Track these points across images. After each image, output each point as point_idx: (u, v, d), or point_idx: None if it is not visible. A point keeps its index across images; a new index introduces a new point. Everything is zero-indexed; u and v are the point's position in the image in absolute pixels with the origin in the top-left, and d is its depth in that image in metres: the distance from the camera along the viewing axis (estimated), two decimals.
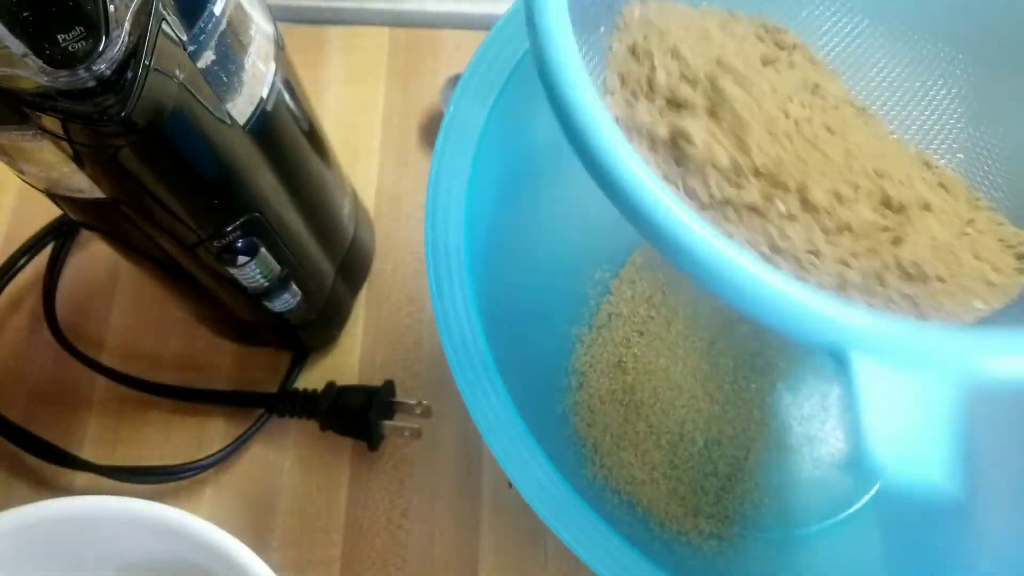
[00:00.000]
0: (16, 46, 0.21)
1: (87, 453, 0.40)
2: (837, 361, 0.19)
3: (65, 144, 0.24)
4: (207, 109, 0.26)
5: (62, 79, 0.21)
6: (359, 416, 0.38)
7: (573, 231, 0.39)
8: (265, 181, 0.31)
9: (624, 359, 0.38)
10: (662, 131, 0.24)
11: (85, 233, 0.44)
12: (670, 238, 0.19)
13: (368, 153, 0.46)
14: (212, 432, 0.40)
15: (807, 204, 0.24)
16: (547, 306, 0.38)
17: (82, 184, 0.27)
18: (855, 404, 0.19)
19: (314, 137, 0.34)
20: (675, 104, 0.25)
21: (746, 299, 0.19)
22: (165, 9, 0.23)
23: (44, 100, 0.22)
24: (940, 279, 0.24)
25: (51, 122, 0.23)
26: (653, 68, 0.25)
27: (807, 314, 0.19)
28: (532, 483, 0.28)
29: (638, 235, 0.20)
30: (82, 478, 0.39)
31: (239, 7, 0.27)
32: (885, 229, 0.24)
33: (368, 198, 0.45)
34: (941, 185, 0.28)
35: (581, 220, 0.39)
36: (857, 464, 0.19)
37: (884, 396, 0.19)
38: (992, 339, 0.19)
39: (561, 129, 0.21)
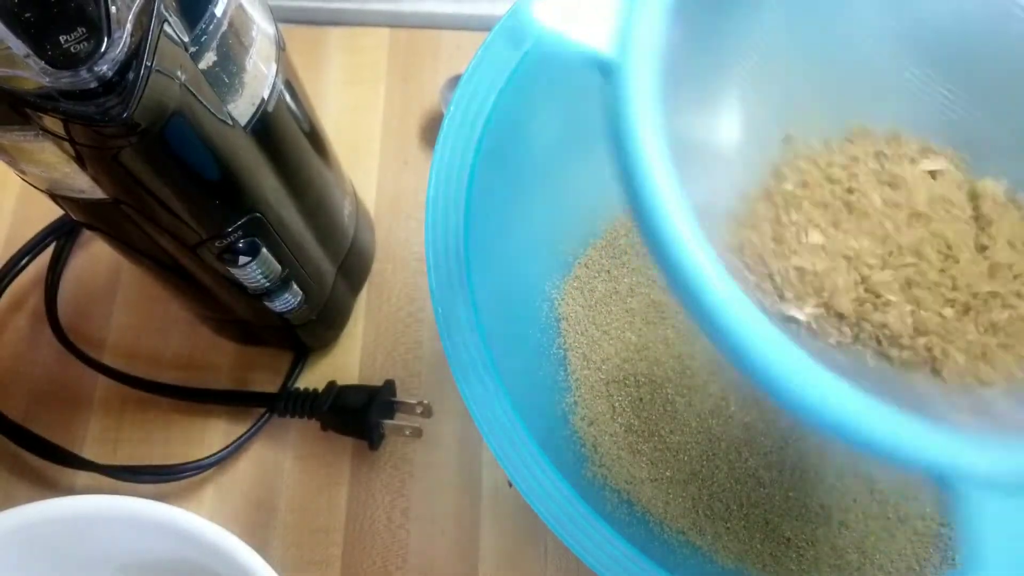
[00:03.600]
0: (18, 47, 0.21)
1: (88, 452, 0.40)
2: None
3: (67, 145, 0.24)
4: (208, 110, 0.26)
5: (64, 80, 0.21)
6: (360, 416, 0.38)
7: (573, 231, 0.39)
8: (266, 181, 0.31)
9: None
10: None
11: (86, 233, 0.44)
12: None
13: (368, 153, 0.46)
14: (213, 431, 0.41)
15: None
16: None
17: (83, 185, 0.27)
18: (960, 528, 0.18)
19: (315, 137, 0.34)
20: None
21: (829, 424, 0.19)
22: (167, 10, 0.23)
23: (46, 101, 0.22)
24: None
25: (53, 123, 0.23)
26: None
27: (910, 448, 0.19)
28: (532, 483, 0.28)
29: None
30: (83, 477, 0.39)
31: (240, 8, 0.27)
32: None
33: (368, 198, 0.45)
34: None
35: (581, 220, 0.39)
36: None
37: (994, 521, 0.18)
38: None
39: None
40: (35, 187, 0.28)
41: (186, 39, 0.24)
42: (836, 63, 0.28)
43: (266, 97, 0.29)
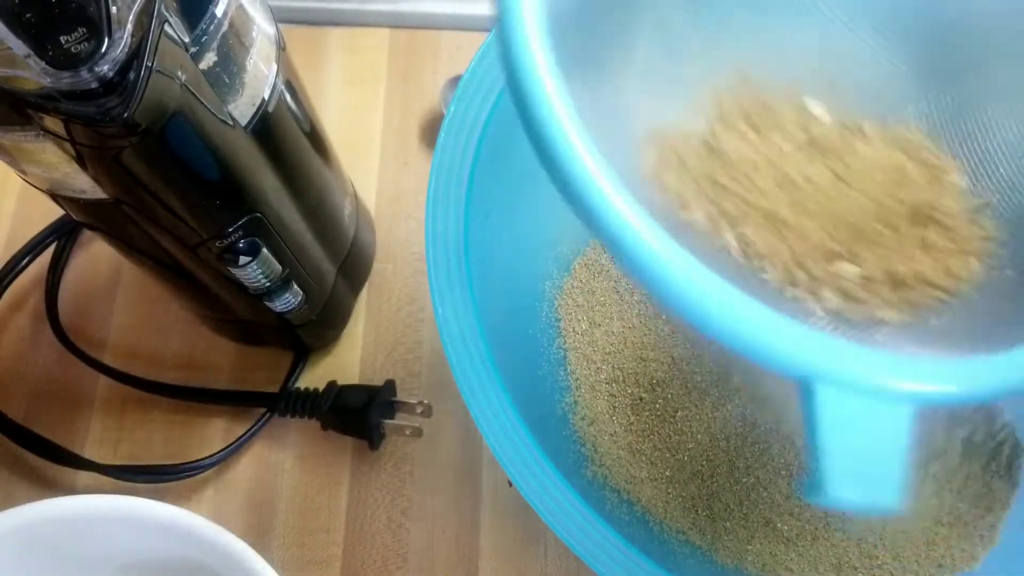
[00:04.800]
0: (19, 47, 0.21)
1: (89, 452, 0.40)
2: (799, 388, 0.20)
3: (67, 145, 0.24)
4: (209, 110, 0.26)
5: (65, 80, 0.21)
6: (360, 415, 0.38)
7: (573, 230, 0.39)
8: (267, 182, 0.31)
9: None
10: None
11: (87, 233, 0.44)
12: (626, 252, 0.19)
13: (368, 154, 0.46)
14: (213, 431, 0.41)
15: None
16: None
17: (84, 185, 0.27)
18: (813, 430, 0.19)
19: (315, 138, 0.34)
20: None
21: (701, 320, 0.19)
22: (167, 11, 0.23)
23: (47, 101, 0.22)
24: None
25: (53, 123, 0.23)
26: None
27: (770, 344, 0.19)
28: (532, 482, 0.28)
29: None
30: (84, 477, 0.39)
31: (241, 9, 0.27)
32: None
33: (369, 198, 0.45)
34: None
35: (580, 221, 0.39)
36: (816, 489, 0.19)
37: (842, 423, 0.19)
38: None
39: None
40: (36, 187, 0.28)
41: (186, 39, 0.24)
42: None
43: (266, 97, 0.29)
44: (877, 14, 0.28)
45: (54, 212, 0.39)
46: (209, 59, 0.26)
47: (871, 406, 0.19)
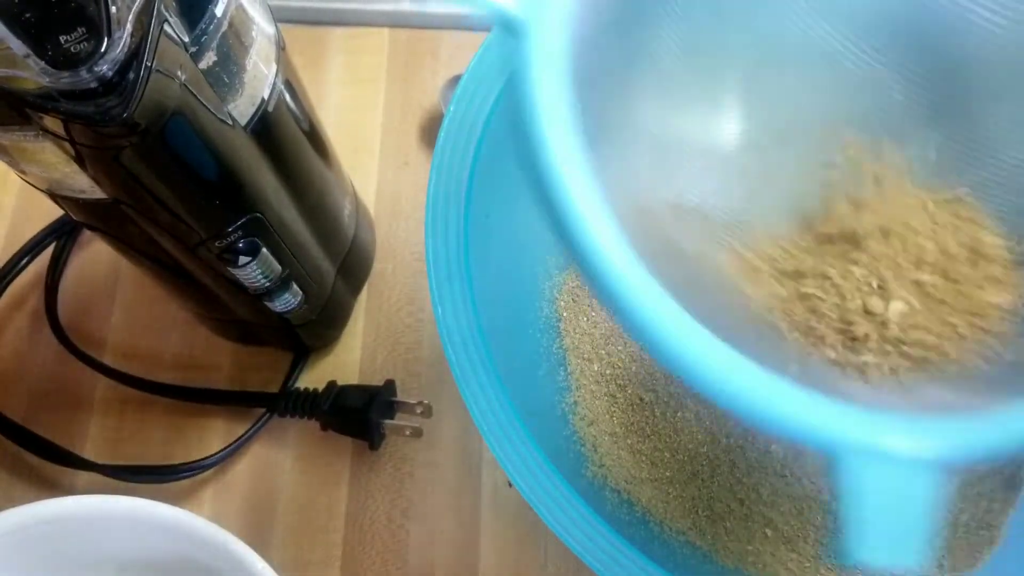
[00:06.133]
0: (18, 47, 0.21)
1: (88, 452, 0.40)
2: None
3: (67, 145, 0.24)
4: (209, 110, 0.26)
5: (64, 80, 0.21)
6: (360, 416, 0.38)
7: None
8: (266, 181, 0.31)
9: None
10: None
11: (86, 233, 0.44)
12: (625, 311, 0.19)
13: (368, 153, 0.46)
14: (213, 432, 0.41)
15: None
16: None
17: (84, 185, 0.27)
18: (842, 498, 0.19)
19: (315, 138, 0.34)
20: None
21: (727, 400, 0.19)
22: (167, 10, 0.23)
23: (46, 101, 0.22)
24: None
25: (53, 123, 0.23)
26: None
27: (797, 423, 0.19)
28: (532, 483, 0.28)
29: None
30: (83, 477, 0.39)
31: (241, 8, 0.27)
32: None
33: (368, 198, 0.45)
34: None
35: None
36: (847, 554, 0.19)
37: (872, 490, 0.19)
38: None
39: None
40: (35, 187, 0.28)
41: (186, 39, 0.24)
42: (775, 45, 0.27)
43: (266, 97, 0.29)
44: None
45: (54, 212, 0.39)
46: (209, 59, 0.26)
47: (903, 471, 0.19)
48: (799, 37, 0.27)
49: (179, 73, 0.24)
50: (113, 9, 0.21)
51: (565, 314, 0.38)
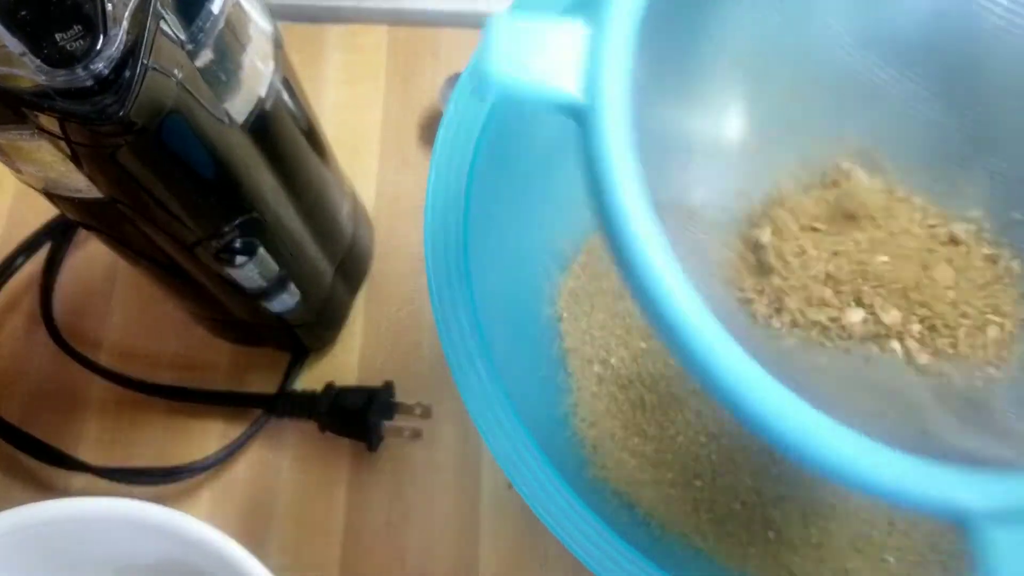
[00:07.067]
0: (14, 45, 0.21)
1: (84, 454, 0.40)
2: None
3: (63, 143, 0.24)
4: (205, 108, 0.26)
5: (60, 78, 0.21)
6: (358, 417, 0.38)
7: (573, 231, 0.39)
8: (264, 181, 0.31)
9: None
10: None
11: (83, 233, 0.44)
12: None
13: (367, 153, 0.46)
14: (210, 433, 0.40)
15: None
16: None
17: (80, 184, 0.27)
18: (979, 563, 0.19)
19: (313, 136, 0.34)
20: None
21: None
22: (163, 8, 0.23)
23: (42, 99, 0.22)
24: None
25: (49, 121, 0.23)
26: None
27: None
28: (532, 485, 0.28)
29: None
30: (79, 479, 0.39)
31: (238, 6, 0.27)
32: None
33: (367, 198, 0.45)
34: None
35: (581, 220, 0.39)
36: None
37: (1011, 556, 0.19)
38: None
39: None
40: (31, 186, 0.28)
41: (183, 37, 0.24)
42: (814, 76, 0.28)
43: (263, 95, 0.29)
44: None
45: (49, 211, 0.39)
46: (205, 56, 0.25)
47: None
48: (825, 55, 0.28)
49: (176, 71, 0.24)
50: (109, 6, 0.21)
51: (565, 315, 0.38)
